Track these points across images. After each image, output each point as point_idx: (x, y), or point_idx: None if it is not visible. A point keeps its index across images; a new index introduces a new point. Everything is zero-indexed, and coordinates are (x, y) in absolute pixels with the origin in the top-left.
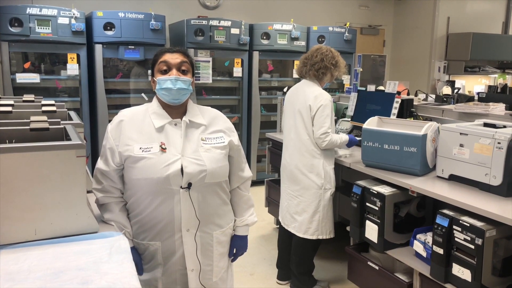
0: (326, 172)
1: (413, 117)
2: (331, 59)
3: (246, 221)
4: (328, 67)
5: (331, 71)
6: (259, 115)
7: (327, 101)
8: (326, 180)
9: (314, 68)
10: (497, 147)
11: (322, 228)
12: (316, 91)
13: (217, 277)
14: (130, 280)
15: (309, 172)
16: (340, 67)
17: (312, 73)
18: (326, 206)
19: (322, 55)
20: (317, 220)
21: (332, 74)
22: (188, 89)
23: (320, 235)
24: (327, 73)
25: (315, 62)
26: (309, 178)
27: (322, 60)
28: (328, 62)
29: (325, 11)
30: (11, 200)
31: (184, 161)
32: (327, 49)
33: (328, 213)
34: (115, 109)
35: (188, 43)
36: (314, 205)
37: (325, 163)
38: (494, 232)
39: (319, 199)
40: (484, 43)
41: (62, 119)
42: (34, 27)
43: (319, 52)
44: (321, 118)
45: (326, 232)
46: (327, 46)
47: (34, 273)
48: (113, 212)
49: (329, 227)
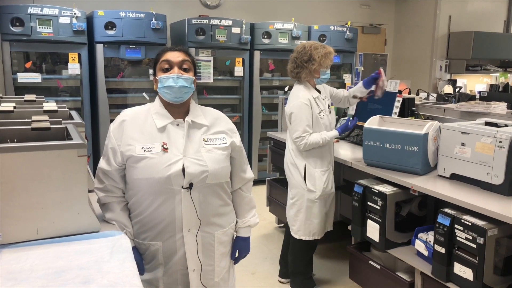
0: (310, 174)
1: (415, 116)
2: (303, 55)
3: (248, 222)
4: (300, 65)
5: (306, 67)
6: (260, 114)
7: (295, 107)
8: (310, 182)
9: (290, 70)
10: (498, 146)
11: (305, 229)
12: (293, 95)
13: (219, 277)
14: (132, 279)
15: (294, 170)
16: (316, 59)
17: (290, 75)
18: (310, 207)
19: (295, 54)
20: (300, 220)
21: (309, 70)
22: (190, 87)
23: (303, 235)
24: (302, 71)
25: (290, 65)
26: (293, 176)
27: (294, 60)
28: (300, 61)
29: (326, 10)
30: (12, 200)
31: (186, 162)
32: (302, 46)
33: (312, 214)
34: (116, 109)
35: (189, 42)
36: (297, 204)
37: (309, 165)
38: (496, 231)
39: (302, 200)
40: (486, 42)
41: (64, 118)
42: (35, 27)
43: (294, 52)
44: (294, 123)
45: (309, 233)
46: (306, 42)
47: (35, 272)
48: (115, 212)
49: (314, 229)
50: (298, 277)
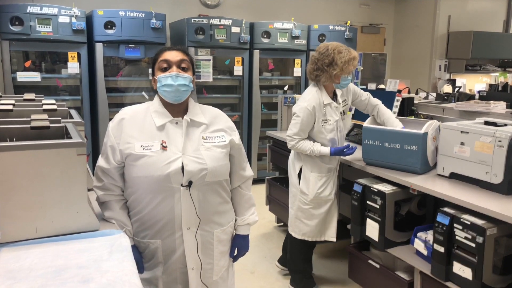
0: (304, 177)
1: (414, 115)
2: (324, 57)
3: (247, 220)
4: (321, 68)
5: (326, 71)
6: (259, 113)
7: (299, 109)
8: (304, 184)
9: (309, 71)
10: (498, 145)
11: (299, 229)
12: (303, 97)
13: (218, 275)
14: (131, 278)
15: (292, 169)
16: (338, 64)
17: (309, 76)
18: (301, 208)
19: (317, 55)
20: (293, 218)
21: (329, 74)
22: (189, 86)
23: (293, 233)
24: (322, 75)
25: (310, 66)
26: (291, 175)
27: (315, 62)
28: (321, 63)
29: (325, 10)
30: (12, 198)
31: (185, 160)
32: (325, 47)
33: (302, 215)
34: (115, 108)
35: (188, 41)
36: (291, 201)
37: (305, 167)
38: (495, 230)
39: (295, 199)
40: (485, 42)
41: (63, 117)
42: (34, 26)
43: (316, 52)
44: (292, 122)
45: (299, 232)
46: (329, 43)
47: (35, 271)
48: (114, 210)
49: (304, 230)
50: (297, 275)
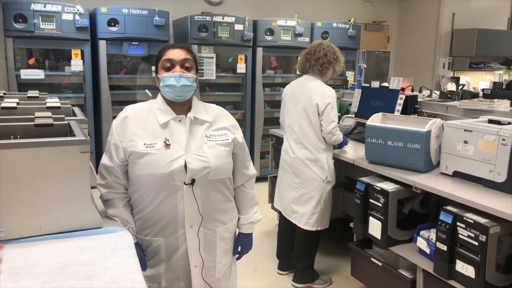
0: (329, 166)
1: (417, 113)
2: (333, 54)
3: (250, 219)
4: (331, 62)
5: (333, 65)
6: (262, 111)
7: (333, 97)
8: (329, 173)
9: (319, 63)
10: (501, 143)
11: (321, 220)
12: (321, 88)
13: (220, 273)
14: (134, 275)
15: (314, 165)
16: (340, 61)
17: (316, 68)
18: (327, 199)
19: (324, 50)
20: (318, 213)
21: (334, 69)
22: (192, 86)
23: (319, 226)
24: (330, 68)
25: (318, 57)
26: (313, 171)
27: (325, 55)
28: (330, 57)
29: (329, 7)
30: (16, 196)
31: (188, 157)
32: (328, 44)
33: (327, 205)
34: (119, 105)
35: (191, 39)
36: (317, 197)
37: (328, 157)
38: (498, 229)
39: (322, 192)
40: (489, 39)
41: (67, 115)
42: (38, 23)
43: (321, 47)
44: (330, 114)
45: (323, 223)
46: (326, 41)
47: (38, 268)
48: (117, 208)
49: (327, 219)
50: (310, 269)
